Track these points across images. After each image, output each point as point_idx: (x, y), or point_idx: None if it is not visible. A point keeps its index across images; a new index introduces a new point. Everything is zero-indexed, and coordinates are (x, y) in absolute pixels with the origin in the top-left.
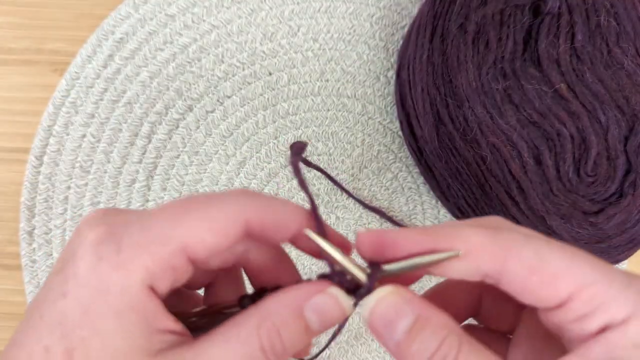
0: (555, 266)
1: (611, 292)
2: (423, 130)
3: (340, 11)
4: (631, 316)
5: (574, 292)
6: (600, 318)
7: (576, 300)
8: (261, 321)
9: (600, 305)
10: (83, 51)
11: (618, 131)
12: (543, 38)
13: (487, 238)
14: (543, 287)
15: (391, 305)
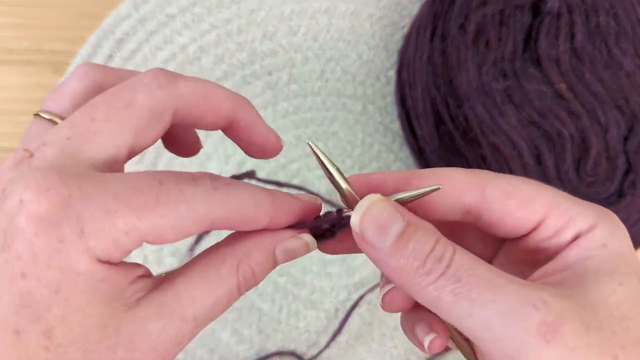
0: (528, 190)
1: (576, 208)
2: (423, 130)
3: (340, 11)
4: (596, 224)
5: (546, 211)
6: (572, 229)
7: (550, 218)
8: (239, 262)
9: (570, 218)
10: (83, 51)
11: (617, 131)
12: (543, 38)
13: (465, 174)
14: (520, 209)
15: (382, 209)
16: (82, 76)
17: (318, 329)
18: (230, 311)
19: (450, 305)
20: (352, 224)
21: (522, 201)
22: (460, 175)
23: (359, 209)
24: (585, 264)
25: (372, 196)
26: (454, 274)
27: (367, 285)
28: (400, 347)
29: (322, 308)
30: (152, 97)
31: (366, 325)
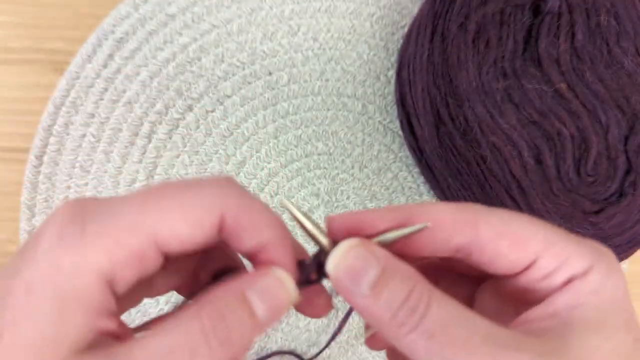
0: (521, 230)
1: (571, 249)
2: (423, 130)
3: (341, 11)
4: (591, 268)
5: (540, 251)
6: (565, 272)
7: (543, 259)
8: (201, 306)
9: (564, 260)
10: (83, 51)
11: (618, 131)
12: (543, 38)
13: (456, 211)
14: (513, 250)
15: (357, 256)
16: None
17: (318, 328)
18: None
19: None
20: (328, 270)
21: (515, 242)
22: (451, 214)
23: (335, 254)
24: (574, 314)
25: (349, 241)
26: (427, 330)
27: None
28: None
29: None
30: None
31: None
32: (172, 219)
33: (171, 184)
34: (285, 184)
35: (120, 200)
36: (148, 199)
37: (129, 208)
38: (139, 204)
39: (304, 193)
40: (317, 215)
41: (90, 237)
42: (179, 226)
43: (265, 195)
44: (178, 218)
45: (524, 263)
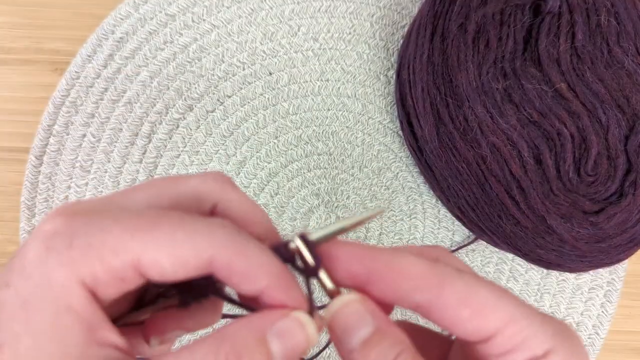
0: (485, 300)
1: (532, 329)
2: (423, 130)
3: (341, 11)
4: (550, 351)
5: (500, 327)
6: (524, 354)
7: (501, 335)
8: (220, 343)
9: (523, 341)
10: (83, 51)
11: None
12: (543, 37)
13: (424, 269)
14: (472, 320)
15: (354, 311)
16: None
17: None
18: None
19: None
20: (324, 317)
21: (476, 312)
22: (419, 269)
23: (333, 305)
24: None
25: (349, 295)
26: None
27: None
28: None
29: None
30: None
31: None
32: (157, 253)
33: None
34: (285, 184)
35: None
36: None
37: (119, 229)
38: (129, 228)
39: (304, 193)
40: (317, 215)
41: (76, 251)
42: (163, 261)
43: (265, 195)
44: (163, 253)
45: (483, 335)
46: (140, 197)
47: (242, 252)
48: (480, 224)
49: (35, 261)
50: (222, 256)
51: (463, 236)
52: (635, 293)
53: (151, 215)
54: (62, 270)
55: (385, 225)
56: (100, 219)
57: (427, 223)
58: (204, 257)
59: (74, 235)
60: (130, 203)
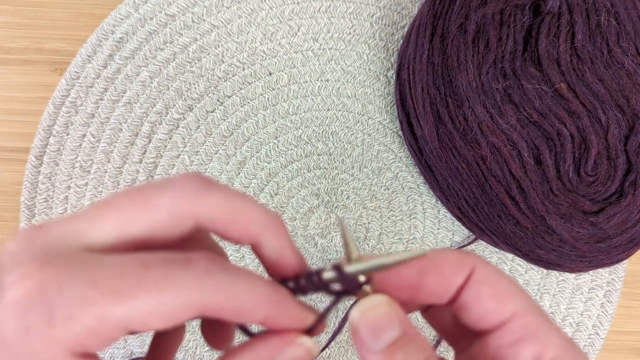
0: (506, 287)
1: (545, 327)
2: (423, 130)
3: (340, 11)
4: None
5: (515, 313)
6: (533, 346)
7: (515, 322)
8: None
9: (535, 333)
10: (83, 51)
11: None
12: (543, 38)
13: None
14: (491, 299)
15: (383, 314)
16: None
17: None
18: None
19: None
20: (351, 318)
21: (495, 292)
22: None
23: (362, 305)
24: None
25: (378, 296)
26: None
27: None
28: None
29: (322, 307)
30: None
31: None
32: (143, 313)
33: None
34: (285, 184)
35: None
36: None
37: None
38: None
39: (304, 193)
40: (317, 215)
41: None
42: (150, 319)
43: (265, 195)
44: (152, 315)
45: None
46: (110, 228)
47: (232, 296)
48: (480, 224)
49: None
50: (212, 304)
51: (463, 236)
52: (635, 293)
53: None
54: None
55: (385, 225)
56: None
57: (427, 223)
58: (193, 308)
59: (52, 307)
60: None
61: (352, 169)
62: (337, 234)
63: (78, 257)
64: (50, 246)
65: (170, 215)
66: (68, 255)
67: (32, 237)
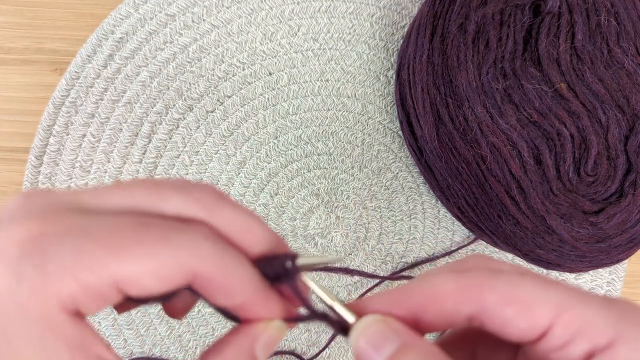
0: (529, 294)
1: (589, 314)
2: (423, 130)
3: (340, 11)
4: (616, 339)
5: (553, 318)
6: (583, 344)
7: (556, 327)
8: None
9: (580, 329)
10: (83, 51)
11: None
12: (543, 38)
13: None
14: (521, 317)
15: (377, 331)
16: None
17: (318, 328)
18: None
19: None
20: (351, 342)
21: (523, 307)
22: (454, 282)
23: (359, 326)
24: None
25: (372, 316)
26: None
27: (367, 285)
28: None
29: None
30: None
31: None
32: (138, 271)
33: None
34: (285, 184)
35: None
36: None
37: (95, 248)
38: (106, 246)
39: (304, 193)
40: (317, 215)
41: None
42: (143, 278)
43: (265, 195)
44: (144, 271)
45: (537, 331)
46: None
47: (224, 268)
48: (480, 224)
49: (7, 293)
50: (205, 271)
51: (463, 236)
52: (635, 293)
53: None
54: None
55: (385, 225)
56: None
57: (427, 223)
58: (186, 272)
59: (46, 258)
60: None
61: (352, 169)
62: (337, 233)
63: (77, 213)
64: (49, 206)
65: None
66: (66, 212)
67: (32, 196)
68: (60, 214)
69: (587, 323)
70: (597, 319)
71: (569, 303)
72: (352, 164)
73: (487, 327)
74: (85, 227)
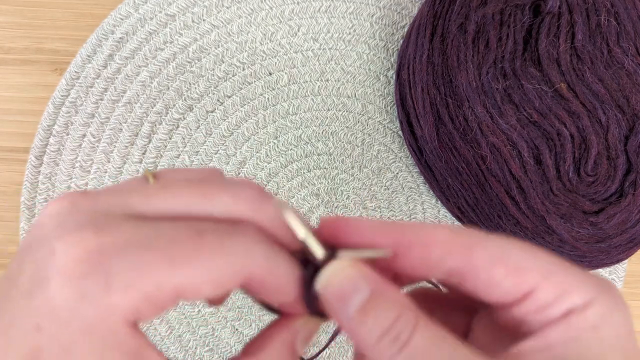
0: (520, 258)
1: (573, 280)
2: (423, 130)
3: (340, 11)
4: (591, 301)
5: (539, 282)
6: (563, 305)
7: (540, 290)
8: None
9: (563, 293)
10: (83, 51)
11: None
12: (543, 38)
13: (451, 234)
14: (509, 279)
15: (347, 277)
16: None
17: None
18: (230, 310)
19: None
20: (318, 287)
21: (511, 270)
22: (445, 235)
23: (325, 274)
24: (569, 348)
25: (340, 262)
26: (409, 357)
27: None
28: None
29: None
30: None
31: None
32: (197, 281)
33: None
34: (285, 184)
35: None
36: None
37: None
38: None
39: (304, 193)
40: (317, 215)
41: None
42: (203, 287)
43: None
44: (203, 281)
45: (520, 293)
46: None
47: (276, 270)
48: (480, 224)
49: (68, 307)
50: (257, 275)
51: None
52: (635, 293)
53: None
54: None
55: None
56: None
57: None
58: (241, 278)
59: (109, 272)
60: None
61: (352, 169)
62: None
63: (131, 221)
64: (99, 212)
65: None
66: (121, 221)
67: (77, 200)
68: (115, 223)
69: (569, 287)
70: (578, 284)
71: (554, 269)
72: (352, 164)
73: (466, 286)
74: (144, 237)
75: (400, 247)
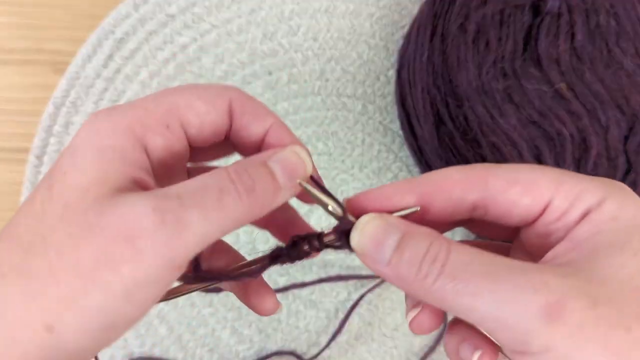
0: (530, 175)
1: (583, 184)
2: (423, 130)
3: (340, 11)
4: (605, 198)
5: (553, 192)
6: (580, 206)
7: (556, 199)
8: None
9: (577, 196)
10: (83, 51)
11: (618, 131)
12: (543, 38)
13: (463, 171)
14: (525, 194)
15: (377, 226)
16: None
17: (318, 328)
18: (230, 310)
19: (454, 302)
20: (353, 245)
21: (525, 187)
22: (459, 174)
23: (357, 229)
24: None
25: (368, 216)
26: (451, 273)
27: (367, 285)
28: (400, 347)
29: (322, 308)
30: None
31: (366, 325)
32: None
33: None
34: None
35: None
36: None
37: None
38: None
39: None
40: (317, 214)
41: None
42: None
43: None
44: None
45: (539, 206)
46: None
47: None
48: None
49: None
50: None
51: (463, 236)
52: None
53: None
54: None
55: None
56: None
57: None
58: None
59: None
60: None
61: (352, 169)
62: None
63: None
64: None
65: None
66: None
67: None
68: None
69: (582, 190)
70: (588, 187)
71: (563, 178)
72: (352, 163)
73: (490, 214)
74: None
75: (424, 198)
